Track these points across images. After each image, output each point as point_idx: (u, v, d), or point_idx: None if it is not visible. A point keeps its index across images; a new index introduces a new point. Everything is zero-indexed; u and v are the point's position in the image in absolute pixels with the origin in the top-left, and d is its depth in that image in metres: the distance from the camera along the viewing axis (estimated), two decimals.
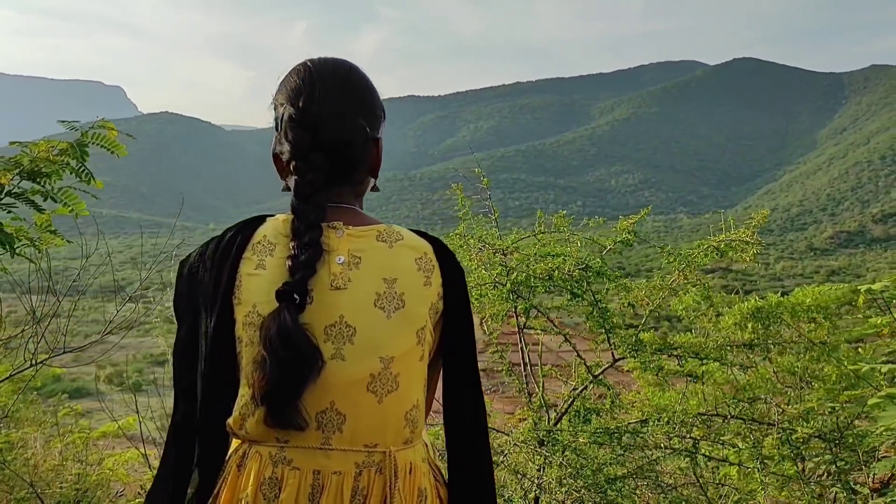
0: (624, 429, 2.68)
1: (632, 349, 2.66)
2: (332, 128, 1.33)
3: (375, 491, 1.25)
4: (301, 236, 1.28)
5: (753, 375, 3.45)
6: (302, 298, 1.23)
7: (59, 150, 2.23)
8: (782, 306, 3.26)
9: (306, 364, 1.20)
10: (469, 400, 1.41)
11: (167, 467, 1.33)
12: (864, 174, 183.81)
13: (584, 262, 2.68)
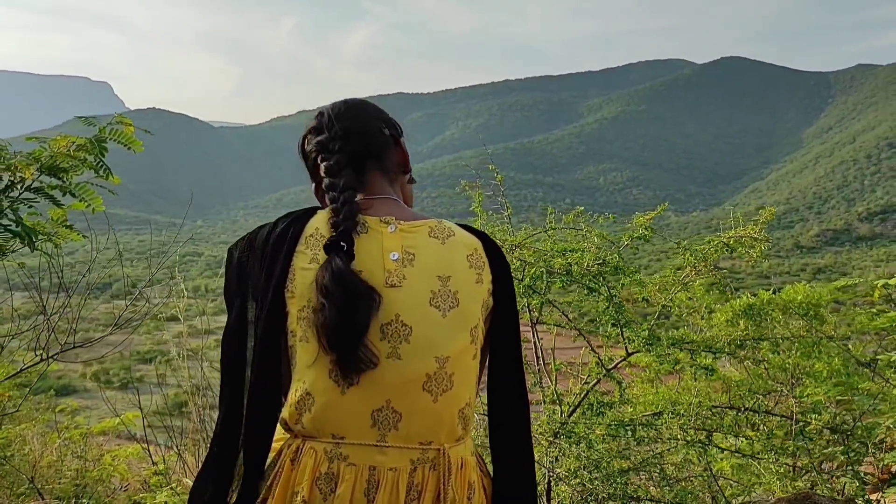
0: (638, 421, 2.71)
1: (646, 343, 2.70)
2: (358, 136, 1.42)
3: (430, 486, 1.27)
4: (336, 202, 1.33)
5: (746, 372, 3.50)
6: (349, 247, 1.27)
7: (77, 146, 2.24)
8: (773, 303, 3.30)
9: (363, 301, 1.23)
10: (515, 393, 1.43)
11: (216, 455, 1.34)
12: (849, 173, 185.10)
13: (602, 258, 2.71)
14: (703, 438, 2.69)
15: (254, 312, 1.34)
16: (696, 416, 2.67)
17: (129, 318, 3.20)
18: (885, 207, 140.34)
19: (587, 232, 2.86)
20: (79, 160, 2.19)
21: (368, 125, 1.44)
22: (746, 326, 3.09)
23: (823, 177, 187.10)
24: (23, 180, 2.12)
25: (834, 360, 3.14)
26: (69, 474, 4.82)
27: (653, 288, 2.88)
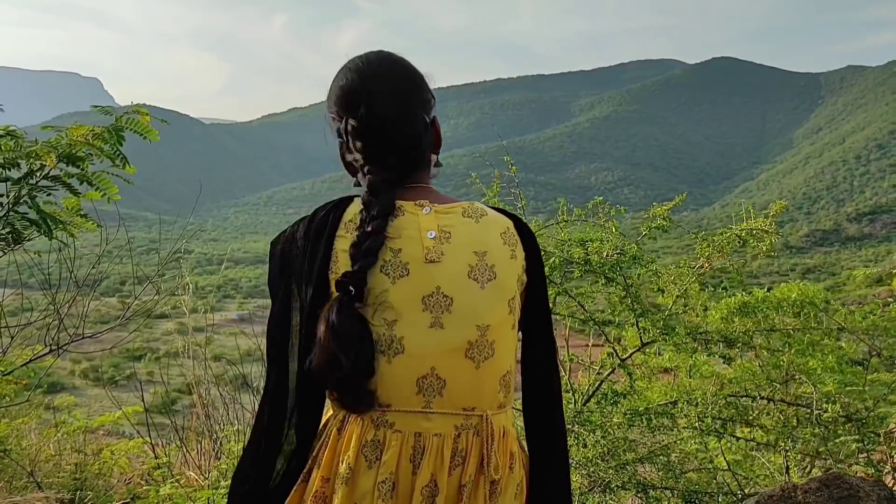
0: (654, 409, 2.74)
1: (662, 332, 2.72)
2: (397, 128, 1.38)
3: (473, 452, 1.31)
4: (365, 225, 1.32)
5: (739, 369, 3.52)
6: (358, 290, 1.28)
7: (94, 135, 2.24)
8: (767, 301, 3.33)
9: (348, 357, 1.24)
10: (548, 371, 1.47)
11: (261, 431, 1.38)
12: (839, 173, 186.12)
13: (621, 247, 2.74)
14: (718, 427, 2.71)
15: (297, 298, 1.37)
16: (712, 405, 2.69)
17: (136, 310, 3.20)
18: (873, 208, 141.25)
19: (605, 222, 2.88)
20: (98, 148, 2.19)
21: (417, 124, 1.41)
22: (742, 324, 3.12)
23: (813, 177, 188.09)
24: (42, 168, 2.12)
25: (828, 357, 3.18)
26: (68, 468, 4.81)
27: (667, 279, 2.90)
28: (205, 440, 4.36)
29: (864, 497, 1.62)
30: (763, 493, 1.72)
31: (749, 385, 2.74)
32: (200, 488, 3.77)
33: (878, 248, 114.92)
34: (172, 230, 4.03)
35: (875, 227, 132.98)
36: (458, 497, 1.29)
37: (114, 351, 4.23)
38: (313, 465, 1.33)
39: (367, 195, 1.36)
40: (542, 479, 1.43)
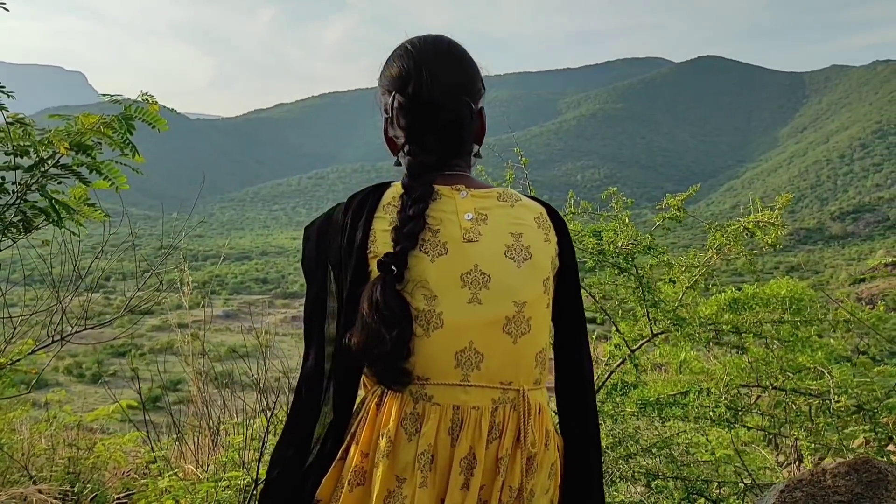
0: (665, 400, 2.76)
1: (673, 323, 2.74)
2: (442, 111, 1.40)
3: (510, 426, 1.32)
4: (407, 209, 1.34)
5: (729, 364, 3.55)
6: (400, 269, 1.30)
7: (102, 124, 2.23)
8: (757, 297, 3.36)
9: (391, 332, 1.26)
10: (580, 354, 1.49)
11: (298, 409, 1.40)
12: (823, 172, 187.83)
13: (635, 238, 2.76)
14: (729, 417, 2.74)
15: (333, 280, 1.40)
16: (725, 394, 2.72)
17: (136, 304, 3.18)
18: (856, 207, 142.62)
19: (619, 213, 2.90)
20: (108, 137, 2.18)
21: (462, 110, 1.42)
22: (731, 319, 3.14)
23: (797, 176, 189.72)
24: (53, 156, 2.10)
25: (817, 353, 3.21)
26: (62, 463, 4.79)
27: (678, 270, 2.92)
28: (203, 434, 4.35)
29: (892, 481, 1.64)
30: (792, 478, 1.73)
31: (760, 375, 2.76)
32: (199, 481, 3.76)
33: (861, 247, 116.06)
34: (156, 227, 3.99)
35: (858, 226, 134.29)
36: (496, 470, 1.30)
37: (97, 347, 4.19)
38: (351, 441, 1.34)
39: (407, 178, 1.38)
40: (577, 462, 1.45)
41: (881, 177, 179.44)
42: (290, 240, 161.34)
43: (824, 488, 1.69)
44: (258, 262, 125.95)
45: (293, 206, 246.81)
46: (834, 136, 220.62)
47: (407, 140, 1.42)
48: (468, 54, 1.47)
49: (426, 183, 1.37)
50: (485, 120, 1.50)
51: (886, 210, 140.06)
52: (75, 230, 2.41)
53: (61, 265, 3.18)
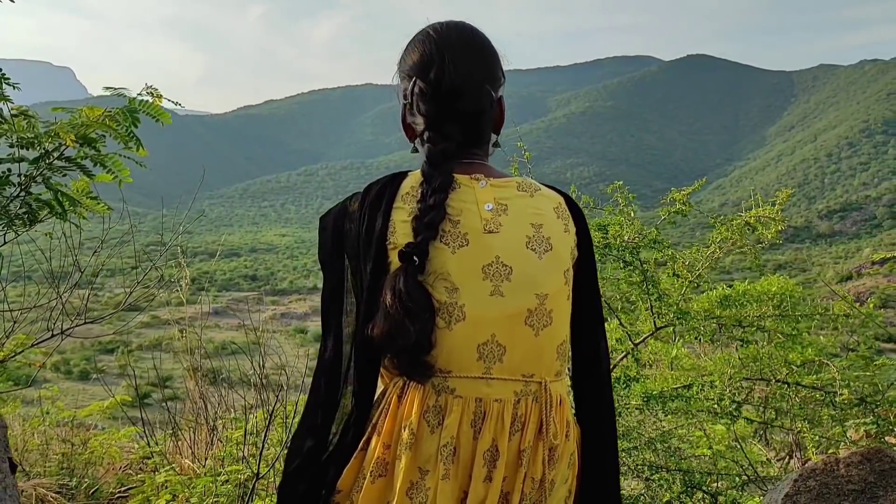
0: (669, 392, 2.78)
1: (677, 317, 2.76)
2: (463, 99, 1.40)
3: (533, 418, 1.32)
4: (427, 198, 1.34)
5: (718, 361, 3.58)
6: (421, 260, 1.30)
7: (106, 117, 2.22)
8: (748, 294, 3.39)
9: (415, 323, 1.26)
10: (597, 345, 1.49)
11: (317, 400, 1.40)
12: (810, 171, 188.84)
13: (641, 231, 2.77)
14: (733, 410, 2.76)
15: (350, 271, 1.40)
16: (729, 387, 2.73)
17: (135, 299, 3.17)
18: (844, 205, 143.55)
19: (624, 207, 2.91)
20: (113, 129, 2.17)
21: (483, 98, 1.42)
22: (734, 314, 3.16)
23: (785, 174, 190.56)
24: (58, 148, 2.09)
25: (807, 350, 3.24)
26: (55, 458, 4.77)
27: (682, 264, 2.94)
28: (200, 429, 4.34)
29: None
30: (806, 467, 1.76)
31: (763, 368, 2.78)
32: (196, 476, 3.75)
33: (849, 245, 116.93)
34: (144, 222, 3.96)
35: (845, 225, 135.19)
36: (518, 462, 1.31)
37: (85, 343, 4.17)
38: (373, 432, 1.34)
39: (427, 166, 1.38)
40: (593, 452, 1.46)
41: (868, 175, 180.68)
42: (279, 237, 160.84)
43: (837, 477, 1.72)
44: (247, 258, 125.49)
45: (282, 202, 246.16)
46: (822, 135, 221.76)
47: (427, 127, 1.41)
48: (489, 42, 1.46)
49: (446, 172, 1.36)
50: (504, 109, 1.50)
51: (873, 208, 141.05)
52: (78, 223, 2.40)
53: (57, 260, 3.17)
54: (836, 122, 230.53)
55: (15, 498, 1.99)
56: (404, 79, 1.45)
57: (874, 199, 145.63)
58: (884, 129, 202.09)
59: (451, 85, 1.38)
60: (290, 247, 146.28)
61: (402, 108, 1.47)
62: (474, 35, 1.44)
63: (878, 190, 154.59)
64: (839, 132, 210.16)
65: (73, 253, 2.83)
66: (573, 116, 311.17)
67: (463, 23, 1.46)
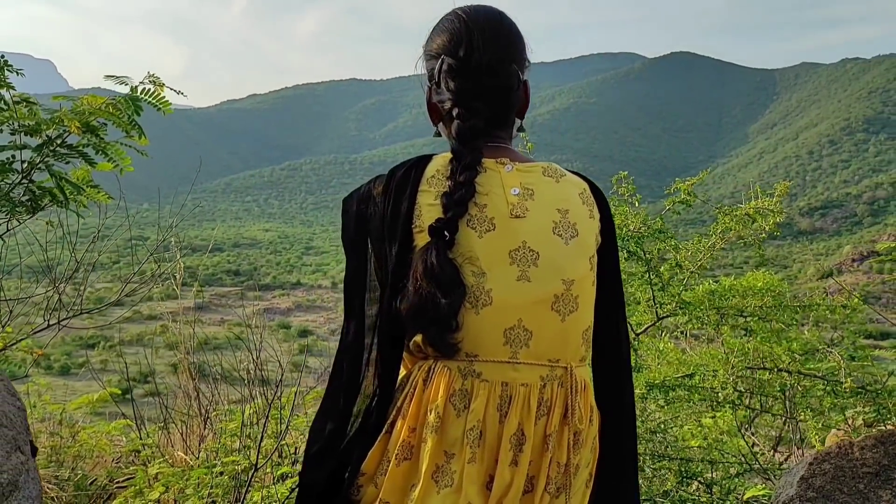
0: (671, 381, 2.80)
1: (679, 306, 2.79)
2: (492, 76, 1.40)
3: (558, 403, 1.33)
4: (457, 175, 1.34)
5: (705, 355, 3.62)
6: (451, 235, 1.30)
7: (108, 105, 2.21)
8: (734, 289, 3.42)
9: (447, 297, 1.27)
10: (618, 331, 1.50)
11: (339, 384, 1.40)
12: (792, 168, 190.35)
13: (645, 221, 2.79)
14: (735, 399, 2.79)
15: (373, 254, 1.41)
16: (732, 376, 2.76)
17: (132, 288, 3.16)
18: (824, 203, 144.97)
19: (629, 197, 2.94)
20: (116, 117, 2.16)
21: (511, 77, 1.43)
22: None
23: (767, 171, 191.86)
24: (61, 136, 2.08)
25: (793, 343, 3.28)
26: (44, 451, 4.73)
27: (685, 254, 2.97)
28: (192, 421, 4.32)
29: None
30: (821, 451, 1.78)
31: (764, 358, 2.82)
32: (189, 468, 3.74)
33: (829, 242, 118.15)
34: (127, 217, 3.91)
35: (826, 222, 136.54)
36: (544, 446, 1.32)
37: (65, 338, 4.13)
38: (397, 416, 1.34)
39: (456, 143, 1.38)
40: (614, 437, 1.47)
41: (849, 173, 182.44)
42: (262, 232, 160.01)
43: (852, 460, 1.75)
44: (230, 253, 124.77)
45: (265, 197, 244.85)
46: (803, 133, 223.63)
47: (456, 104, 1.41)
48: (516, 25, 1.47)
49: (476, 149, 1.37)
50: (529, 93, 1.50)
51: (854, 206, 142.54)
52: (80, 212, 2.39)
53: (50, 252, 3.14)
54: (818, 119, 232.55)
55: (36, 480, 1.99)
56: (430, 59, 1.46)
57: (855, 197, 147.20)
58: (865, 127, 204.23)
59: (480, 61, 1.39)
60: (273, 242, 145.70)
61: (428, 91, 1.48)
62: (502, 17, 1.45)
63: (858, 187, 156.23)
64: (820, 130, 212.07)
65: (71, 244, 2.80)
66: (557, 113, 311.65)
67: (489, 6, 1.47)
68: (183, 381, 4.49)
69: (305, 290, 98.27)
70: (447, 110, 1.44)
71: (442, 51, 1.42)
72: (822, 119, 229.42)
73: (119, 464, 4.66)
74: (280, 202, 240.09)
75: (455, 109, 1.41)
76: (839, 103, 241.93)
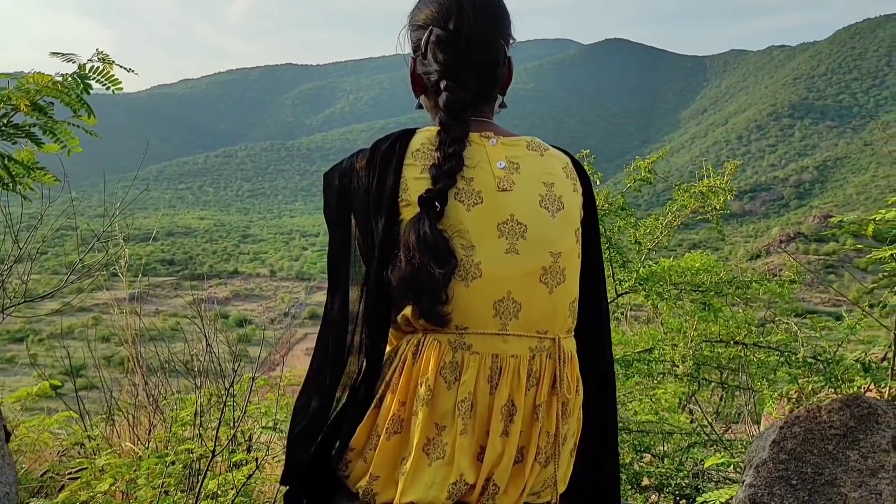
0: (632, 356, 2.86)
1: (639, 282, 2.84)
2: (481, 49, 1.41)
3: (547, 374, 1.35)
4: (445, 147, 1.34)
5: (645, 334, 3.72)
6: (442, 206, 1.31)
7: (56, 83, 2.12)
8: (673, 270, 3.52)
9: (440, 265, 1.27)
10: (598, 304, 1.53)
11: (324, 360, 1.40)
12: (722, 153, 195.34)
13: (608, 199, 2.83)
14: (693, 372, 2.86)
15: (357, 229, 1.40)
16: (692, 349, 2.84)
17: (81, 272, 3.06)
18: (753, 186, 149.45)
19: (592, 174, 2.97)
20: (65, 95, 2.08)
21: (498, 52, 1.44)
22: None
23: (699, 156, 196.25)
24: (7, 114, 1.99)
25: (729, 323, 3.39)
26: None
27: (644, 231, 3.03)
28: (140, 411, 4.22)
29: (881, 414, 1.79)
30: (790, 416, 1.85)
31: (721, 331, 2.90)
32: (139, 459, 3.65)
33: (758, 225, 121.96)
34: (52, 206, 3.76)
35: (755, 205, 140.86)
36: (534, 417, 1.34)
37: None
38: (386, 390, 1.34)
39: (445, 115, 1.37)
40: (596, 407, 1.50)
41: (776, 157, 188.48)
42: (197, 220, 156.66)
43: (820, 423, 1.82)
44: (164, 242, 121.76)
45: (200, 185, 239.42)
46: (732, 118, 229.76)
47: (444, 76, 1.40)
48: (504, 3, 1.48)
49: (465, 122, 1.37)
50: (512, 70, 1.51)
51: (781, 189, 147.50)
52: (26, 195, 2.29)
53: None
54: (746, 105, 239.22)
55: (11, 465, 1.92)
56: (416, 30, 1.46)
57: (781, 180, 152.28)
58: (790, 112, 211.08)
59: (470, 33, 1.39)
60: (209, 230, 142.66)
61: (412, 62, 1.48)
62: (495, 4, 1.46)
63: (785, 171, 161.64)
64: (748, 115, 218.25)
65: (14, 230, 2.70)
66: None
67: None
68: (128, 371, 4.38)
69: (243, 278, 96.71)
70: (434, 82, 1.43)
71: (431, 21, 1.42)
72: (750, 105, 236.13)
73: (63, 457, 4.53)
74: (215, 189, 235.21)
75: (443, 82, 1.41)
76: (766, 89, 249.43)
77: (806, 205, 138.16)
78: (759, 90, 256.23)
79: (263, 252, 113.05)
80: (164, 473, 3.30)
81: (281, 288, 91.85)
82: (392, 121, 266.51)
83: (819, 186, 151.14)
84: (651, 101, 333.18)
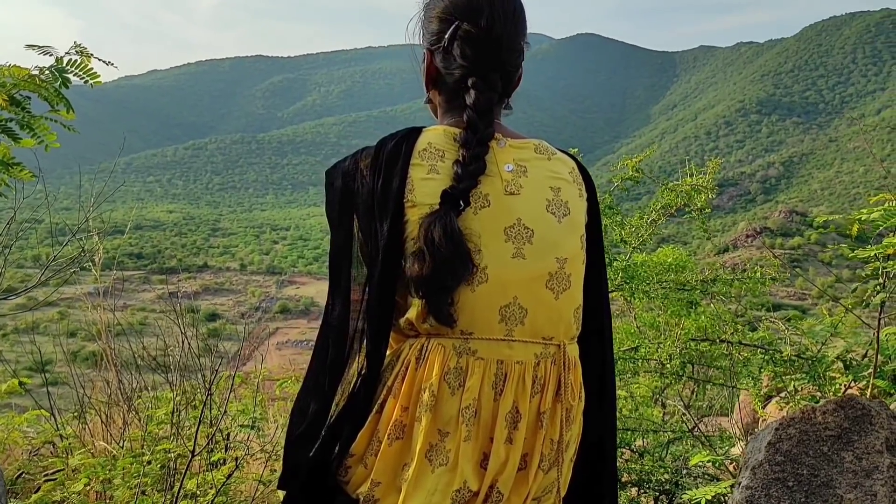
0: (618, 354, 2.86)
1: (625, 280, 2.84)
2: (510, 50, 1.39)
3: (552, 380, 1.34)
4: (471, 147, 1.32)
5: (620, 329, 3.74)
6: (466, 205, 1.29)
7: (30, 77, 2.06)
8: (647, 264, 3.55)
9: (462, 264, 1.25)
10: (601, 309, 1.51)
11: (323, 362, 1.37)
12: (691, 148, 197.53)
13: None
14: (679, 370, 2.87)
15: (360, 229, 1.37)
16: (679, 347, 2.85)
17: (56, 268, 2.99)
18: (720, 181, 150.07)
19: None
20: (44, 89, 2.02)
21: (520, 55, 1.42)
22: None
23: (668, 151, 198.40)
24: None
25: (700, 317, 3.42)
26: None
27: (629, 230, 3.03)
28: (113, 409, 4.15)
29: (875, 415, 1.81)
30: (785, 417, 1.87)
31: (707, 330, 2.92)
32: (114, 458, 3.59)
33: (725, 219, 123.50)
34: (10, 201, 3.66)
35: (722, 200, 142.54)
36: (538, 424, 1.32)
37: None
38: (388, 395, 1.31)
39: (473, 114, 1.34)
40: (597, 413, 1.48)
41: (743, 153, 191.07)
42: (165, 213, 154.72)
43: (815, 424, 1.84)
44: (131, 235, 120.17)
45: (169, 177, 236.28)
46: (701, 114, 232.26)
47: (471, 73, 1.37)
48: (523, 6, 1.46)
49: (490, 123, 1.35)
50: (522, 73, 1.49)
51: (748, 184, 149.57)
52: (1, 191, 2.23)
53: None
54: (715, 101, 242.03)
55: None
56: (441, 22, 1.39)
57: (749, 176, 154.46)
58: (758, 108, 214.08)
59: (501, 33, 1.36)
60: (178, 223, 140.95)
61: (428, 55, 1.43)
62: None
63: (752, 167, 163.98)
64: (717, 111, 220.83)
65: None
66: None
67: None
68: (100, 367, 4.29)
69: (213, 272, 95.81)
70: (456, 78, 1.39)
71: (457, 14, 1.37)
72: (718, 101, 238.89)
73: (34, 457, 4.44)
74: (185, 182, 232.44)
75: (470, 79, 1.37)
76: (734, 85, 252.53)
77: (772, 200, 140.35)
78: (728, 86, 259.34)
79: (234, 246, 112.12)
80: (140, 473, 3.24)
81: (251, 282, 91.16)
82: (364, 114, 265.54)
83: (785, 182, 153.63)
84: (622, 97, 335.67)
